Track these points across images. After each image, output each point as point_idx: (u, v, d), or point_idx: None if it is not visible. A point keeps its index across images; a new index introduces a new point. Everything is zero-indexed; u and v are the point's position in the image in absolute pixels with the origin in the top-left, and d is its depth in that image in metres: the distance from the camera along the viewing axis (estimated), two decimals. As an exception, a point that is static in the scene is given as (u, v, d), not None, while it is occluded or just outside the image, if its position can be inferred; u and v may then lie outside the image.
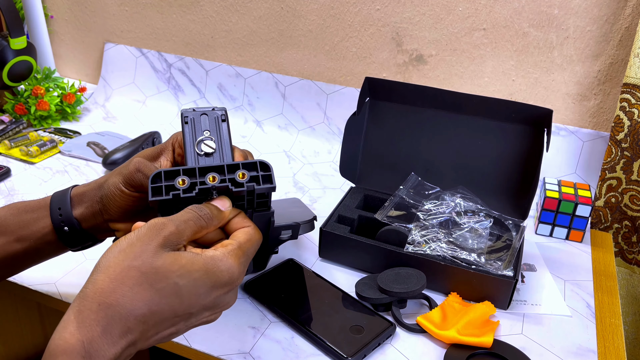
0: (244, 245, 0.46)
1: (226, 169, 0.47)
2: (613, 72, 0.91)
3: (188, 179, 0.47)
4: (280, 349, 0.61)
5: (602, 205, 0.89)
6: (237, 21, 1.13)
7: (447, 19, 0.97)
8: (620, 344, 0.65)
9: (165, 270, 0.40)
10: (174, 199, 0.46)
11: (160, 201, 0.46)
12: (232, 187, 0.46)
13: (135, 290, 0.39)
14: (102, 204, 0.54)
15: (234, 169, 0.48)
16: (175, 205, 0.47)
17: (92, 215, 0.55)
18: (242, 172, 0.47)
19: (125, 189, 0.52)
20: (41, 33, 1.22)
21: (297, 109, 1.12)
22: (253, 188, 0.47)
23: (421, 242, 0.71)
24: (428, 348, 0.62)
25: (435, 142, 0.84)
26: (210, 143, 0.51)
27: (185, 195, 0.46)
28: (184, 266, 0.41)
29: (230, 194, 0.47)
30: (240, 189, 0.46)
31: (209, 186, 0.46)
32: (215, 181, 0.46)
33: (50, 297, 0.68)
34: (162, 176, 0.47)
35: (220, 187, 0.46)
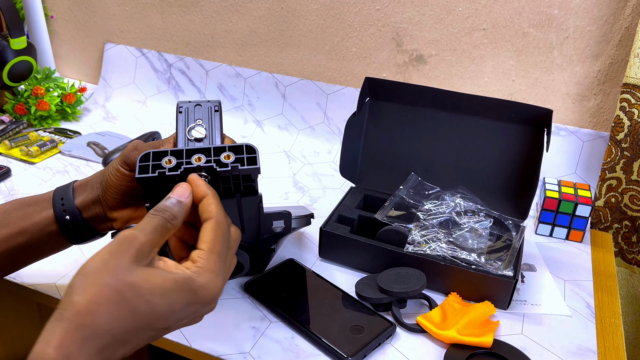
0: (215, 248, 0.44)
1: (212, 152, 0.49)
2: (613, 72, 0.91)
3: (175, 159, 0.48)
4: (280, 349, 0.61)
5: (602, 205, 0.89)
6: (237, 21, 1.13)
7: (447, 19, 0.97)
8: (620, 344, 0.65)
9: (139, 287, 0.40)
10: (159, 177, 0.47)
11: (146, 179, 0.47)
12: (217, 167, 0.47)
13: (111, 310, 0.39)
14: (102, 190, 0.56)
15: (220, 152, 0.49)
16: (161, 184, 0.48)
17: (92, 203, 0.57)
18: (227, 154, 0.48)
19: (121, 168, 0.54)
20: (41, 33, 1.22)
21: (297, 109, 1.12)
22: (237, 168, 0.48)
23: (421, 242, 0.71)
24: (428, 348, 0.62)
25: (435, 142, 0.84)
26: (201, 129, 0.52)
27: (170, 174, 0.47)
28: (157, 285, 0.41)
29: (216, 174, 0.48)
30: (224, 169, 0.47)
31: (194, 166, 0.47)
32: (201, 161, 0.48)
33: (50, 297, 0.68)
34: (151, 157, 0.48)
35: (206, 167, 0.47)
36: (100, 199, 0.56)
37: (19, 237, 0.56)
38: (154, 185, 0.48)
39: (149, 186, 0.49)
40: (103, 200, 0.56)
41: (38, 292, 0.68)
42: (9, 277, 0.70)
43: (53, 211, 0.56)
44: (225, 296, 0.68)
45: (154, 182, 0.48)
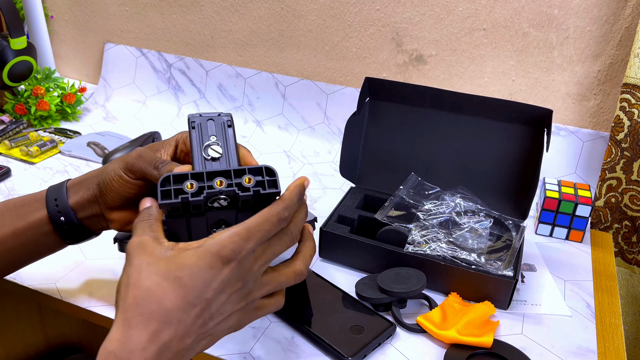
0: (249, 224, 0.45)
1: (233, 174, 0.48)
2: (613, 72, 0.91)
3: (196, 183, 0.48)
4: (280, 349, 0.61)
5: (602, 206, 0.89)
6: (237, 21, 1.13)
7: (447, 19, 0.97)
8: (620, 344, 0.65)
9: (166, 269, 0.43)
10: (183, 203, 0.47)
11: (168, 205, 0.47)
12: (239, 192, 0.47)
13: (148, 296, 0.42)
14: (100, 191, 0.55)
15: (241, 174, 0.49)
16: (184, 209, 0.48)
17: (88, 203, 0.56)
18: (248, 177, 0.48)
19: (125, 175, 0.53)
20: (41, 33, 1.22)
21: (297, 109, 1.12)
22: (259, 192, 0.48)
23: (421, 242, 0.71)
24: (428, 348, 0.62)
25: (435, 142, 0.84)
26: (217, 148, 0.52)
27: (193, 199, 0.47)
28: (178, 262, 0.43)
29: (238, 198, 0.48)
30: (246, 194, 0.47)
31: (216, 190, 0.47)
32: (222, 185, 0.47)
33: (50, 297, 0.68)
34: (171, 180, 0.48)
35: (228, 191, 0.47)
36: (98, 199, 0.56)
37: (14, 239, 0.56)
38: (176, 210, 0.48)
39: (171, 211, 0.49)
40: (101, 200, 0.55)
41: (38, 292, 0.68)
42: (9, 277, 0.70)
43: (47, 212, 0.56)
44: (225, 296, 0.68)
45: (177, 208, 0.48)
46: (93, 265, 0.73)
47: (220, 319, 0.45)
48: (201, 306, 0.43)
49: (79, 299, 0.67)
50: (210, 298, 0.43)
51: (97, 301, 0.67)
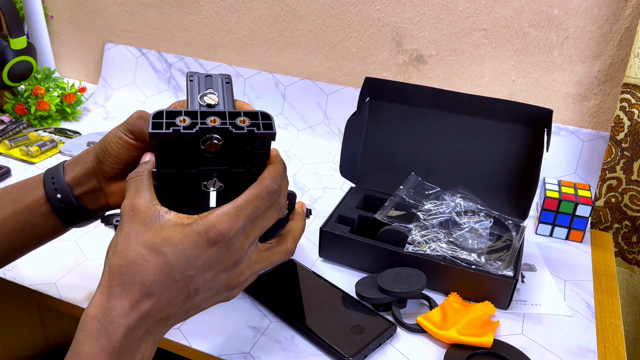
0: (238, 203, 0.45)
1: (227, 115, 0.48)
2: (613, 72, 0.91)
3: (189, 119, 0.47)
4: (280, 349, 0.61)
5: (602, 205, 0.89)
6: (237, 21, 1.13)
7: (447, 19, 0.97)
8: (621, 344, 0.65)
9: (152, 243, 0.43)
10: (174, 134, 0.46)
11: (158, 135, 0.46)
12: (233, 129, 0.46)
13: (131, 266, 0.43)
14: (97, 161, 0.54)
15: (235, 116, 0.48)
16: (175, 143, 0.46)
17: (85, 178, 0.55)
18: (243, 119, 0.47)
19: (125, 135, 0.52)
20: (41, 33, 1.22)
21: (297, 109, 1.12)
22: (254, 131, 0.46)
23: (421, 242, 0.71)
24: (428, 348, 0.62)
25: (435, 142, 0.84)
26: (213, 97, 0.51)
27: (185, 132, 0.45)
28: (165, 236, 0.43)
29: (231, 137, 0.46)
30: (240, 131, 0.46)
31: (209, 126, 0.46)
32: (216, 123, 0.46)
33: (50, 297, 0.68)
34: (164, 115, 0.47)
35: (221, 128, 0.46)
36: (96, 171, 0.54)
37: (12, 221, 0.55)
38: (166, 144, 0.47)
39: (163, 146, 0.47)
40: (99, 171, 0.54)
41: (38, 292, 0.68)
42: (9, 277, 0.70)
43: (44, 191, 0.55)
44: (225, 296, 0.68)
45: (167, 141, 0.46)
46: (93, 265, 0.73)
47: (208, 294, 0.46)
48: (184, 282, 0.44)
49: (79, 299, 0.67)
50: (195, 275, 0.44)
51: (97, 301, 0.67)
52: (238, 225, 0.44)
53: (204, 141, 0.46)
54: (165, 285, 0.43)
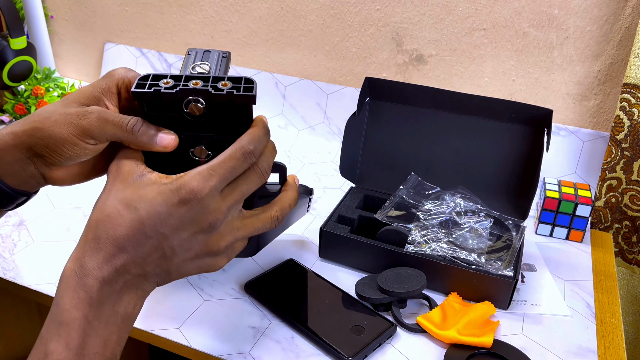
0: (213, 163, 0.45)
1: (211, 80, 0.48)
2: (613, 72, 0.91)
3: (173, 82, 0.48)
4: (280, 349, 0.61)
5: (602, 205, 0.89)
6: (237, 21, 1.13)
7: (447, 19, 0.97)
8: (621, 344, 0.65)
9: (129, 199, 0.44)
10: (155, 93, 0.47)
11: (140, 94, 0.46)
12: (212, 90, 0.47)
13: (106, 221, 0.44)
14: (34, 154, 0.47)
15: (219, 80, 0.49)
16: (157, 104, 0.47)
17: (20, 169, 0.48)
18: (225, 82, 0.48)
19: (82, 142, 0.47)
20: (41, 33, 1.22)
21: (297, 109, 1.12)
22: (232, 93, 0.47)
23: (421, 242, 0.71)
24: (428, 348, 0.62)
25: (435, 142, 0.84)
26: (205, 66, 0.52)
27: (166, 91, 0.46)
28: (142, 194, 0.44)
29: (211, 97, 0.47)
30: (219, 93, 0.47)
31: (190, 88, 0.47)
32: (198, 85, 0.47)
33: (50, 297, 0.68)
34: (150, 78, 0.48)
35: (201, 89, 0.47)
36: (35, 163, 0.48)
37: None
38: (150, 105, 0.48)
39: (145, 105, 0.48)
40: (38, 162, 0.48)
41: (38, 292, 0.68)
42: (8, 277, 0.70)
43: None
44: (226, 296, 0.68)
45: (150, 102, 0.47)
46: (93, 265, 0.73)
47: (187, 255, 0.46)
48: (157, 239, 0.44)
49: (79, 299, 0.67)
50: (167, 233, 0.44)
51: (97, 301, 0.67)
52: (211, 184, 0.44)
53: (187, 104, 0.47)
54: (138, 241, 0.43)
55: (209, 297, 0.68)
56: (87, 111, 0.47)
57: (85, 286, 0.42)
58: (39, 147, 0.47)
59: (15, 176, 0.49)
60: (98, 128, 0.46)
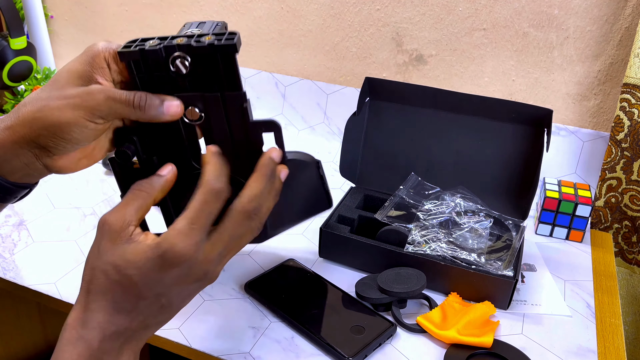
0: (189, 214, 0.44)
1: (195, 37, 0.48)
2: (613, 72, 0.91)
3: (159, 42, 0.48)
4: (280, 349, 0.61)
5: (602, 205, 0.89)
6: (237, 21, 1.13)
7: (447, 19, 0.97)
8: (621, 344, 0.65)
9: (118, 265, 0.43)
10: (140, 52, 0.47)
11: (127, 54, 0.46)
12: (194, 44, 0.47)
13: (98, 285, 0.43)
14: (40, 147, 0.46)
15: (203, 36, 0.48)
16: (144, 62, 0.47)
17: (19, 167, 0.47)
18: (208, 36, 0.48)
19: (92, 123, 0.45)
20: (41, 33, 1.22)
21: (297, 109, 1.12)
22: (213, 44, 0.47)
23: (421, 242, 0.71)
24: (428, 348, 0.62)
25: (435, 142, 0.84)
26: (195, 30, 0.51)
27: (150, 49, 0.46)
28: (131, 259, 0.43)
29: (193, 50, 0.47)
30: (201, 45, 0.47)
31: (173, 44, 0.47)
32: (182, 42, 0.47)
33: (50, 297, 0.68)
34: (138, 41, 0.48)
35: (183, 45, 0.47)
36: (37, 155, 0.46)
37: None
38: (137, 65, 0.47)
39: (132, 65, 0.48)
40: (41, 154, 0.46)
41: (38, 292, 0.68)
42: (8, 277, 0.70)
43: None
44: (226, 296, 0.68)
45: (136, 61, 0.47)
46: (93, 265, 0.73)
47: (186, 299, 0.46)
48: (155, 298, 0.44)
49: (79, 299, 0.67)
50: (164, 292, 0.44)
51: (97, 301, 0.67)
52: (196, 240, 0.43)
53: (173, 61, 0.47)
54: (136, 303, 0.43)
55: (209, 297, 0.68)
56: (92, 91, 0.45)
57: (86, 341, 0.42)
58: (42, 138, 0.45)
59: (16, 172, 0.47)
60: (107, 107, 0.45)
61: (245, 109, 0.51)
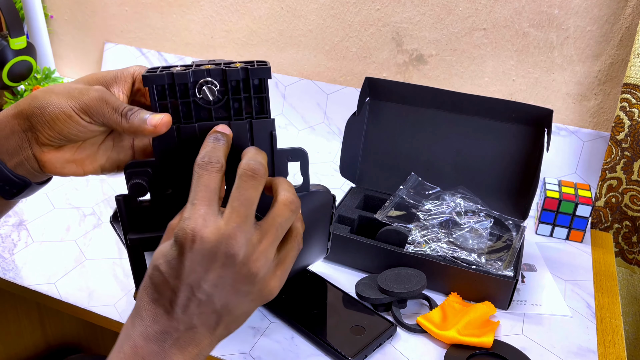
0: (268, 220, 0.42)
1: (223, 63, 0.47)
2: (613, 72, 0.91)
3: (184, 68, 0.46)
4: (280, 349, 0.61)
5: (603, 206, 0.89)
6: (237, 21, 1.13)
7: (447, 18, 0.97)
8: (621, 344, 0.65)
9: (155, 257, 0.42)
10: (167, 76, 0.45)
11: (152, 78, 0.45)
12: (226, 68, 0.46)
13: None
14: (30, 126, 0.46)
15: (230, 64, 0.47)
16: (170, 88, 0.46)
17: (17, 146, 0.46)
18: (237, 63, 0.47)
19: (78, 116, 0.45)
20: (41, 33, 1.22)
21: (297, 109, 1.12)
22: (247, 68, 0.46)
23: (421, 242, 0.71)
24: (428, 348, 0.62)
25: (435, 142, 0.84)
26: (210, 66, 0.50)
27: (178, 72, 0.45)
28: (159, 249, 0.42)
29: (225, 77, 0.46)
30: (233, 68, 0.46)
31: (203, 69, 0.46)
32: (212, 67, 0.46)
33: (50, 297, 0.68)
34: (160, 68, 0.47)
35: (215, 69, 0.46)
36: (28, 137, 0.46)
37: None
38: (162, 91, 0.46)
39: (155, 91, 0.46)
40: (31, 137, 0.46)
41: (38, 292, 0.68)
42: (8, 277, 0.70)
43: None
44: (225, 296, 0.68)
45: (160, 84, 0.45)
46: (93, 265, 0.73)
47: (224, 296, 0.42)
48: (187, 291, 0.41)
49: (79, 299, 0.67)
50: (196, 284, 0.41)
51: (97, 301, 0.67)
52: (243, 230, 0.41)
53: (200, 87, 0.46)
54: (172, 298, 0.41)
55: (208, 297, 0.68)
56: (90, 88, 0.46)
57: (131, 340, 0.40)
58: (34, 117, 0.45)
59: (12, 154, 0.46)
60: (96, 107, 0.45)
61: (273, 136, 0.50)
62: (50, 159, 0.47)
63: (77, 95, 0.45)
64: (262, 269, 0.42)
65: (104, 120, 0.46)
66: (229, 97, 0.47)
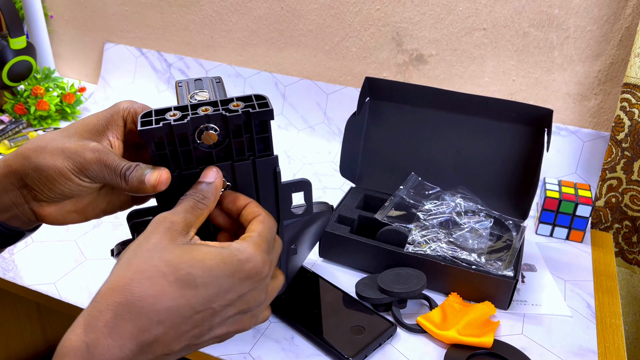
0: (262, 233, 0.43)
1: (220, 103, 0.45)
2: (613, 72, 0.91)
3: (180, 113, 0.44)
4: (280, 349, 0.61)
5: (603, 206, 0.89)
6: (237, 21, 1.13)
7: (447, 18, 0.97)
8: (621, 344, 0.65)
9: (177, 262, 0.38)
10: (165, 128, 0.43)
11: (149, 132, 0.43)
12: (226, 113, 0.44)
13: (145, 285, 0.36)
14: (26, 186, 0.44)
15: (228, 102, 0.45)
16: (168, 139, 0.44)
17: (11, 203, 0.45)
18: (236, 103, 0.45)
19: (75, 177, 0.43)
20: (41, 33, 1.22)
21: (297, 109, 1.12)
22: (249, 112, 0.44)
23: (421, 242, 0.70)
24: (428, 348, 0.62)
25: (435, 142, 0.83)
26: (204, 94, 0.48)
27: (177, 123, 0.43)
28: (198, 258, 0.38)
29: (226, 121, 0.44)
30: (234, 114, 0.43)
31: (201, 115, 0.43)
32: (208, 112, 0.44)
33: (50, 297, 0.68)
34: (153, 113, 0.45)
35: (214, 114, 0.44)
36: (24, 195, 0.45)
37: None
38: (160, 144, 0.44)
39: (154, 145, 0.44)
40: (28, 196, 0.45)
41: (38, 292, 0.68)
42: (8, 277, 0.70)
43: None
44: (225, 296, 0.68)
45: (160, 140, 0.44)
46: (93, 265, 0.73)
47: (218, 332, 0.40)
48: (204, 315, 0.38)
49: (79, 299, 0.67)
50: (217, 309, 0.39)
51: (97, 301, 0.67)
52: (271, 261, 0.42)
53: (199, 133, 0.44)
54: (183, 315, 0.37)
55: (208, 297, 0.68)
56: (87, 148, 0.44)
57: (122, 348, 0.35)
58: (29, 178, 0.43)
59: (5, 210, 0.45)
60: (96, 169, 0.43)
61: (277, 172, 0.49)
62: (51, 212, 0.46)
63: (73, 156, 0.43)
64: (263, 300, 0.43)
65: (103, 181, 0.45)
66: (231, 139, 0.45)
